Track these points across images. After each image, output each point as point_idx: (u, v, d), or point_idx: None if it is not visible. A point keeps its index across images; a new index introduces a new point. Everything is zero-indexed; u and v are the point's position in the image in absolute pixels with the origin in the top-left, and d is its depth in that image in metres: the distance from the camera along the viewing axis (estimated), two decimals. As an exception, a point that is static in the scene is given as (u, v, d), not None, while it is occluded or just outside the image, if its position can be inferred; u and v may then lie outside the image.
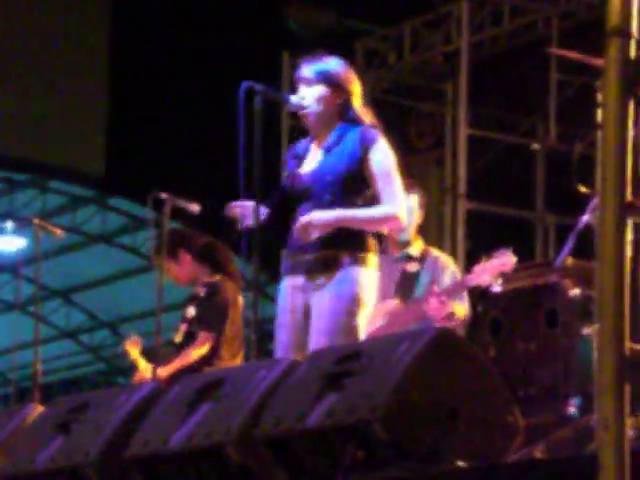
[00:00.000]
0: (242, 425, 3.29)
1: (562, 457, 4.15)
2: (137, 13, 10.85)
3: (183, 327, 5.43)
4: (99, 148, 11.84)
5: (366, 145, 4.09)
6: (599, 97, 3.96)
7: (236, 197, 4.19)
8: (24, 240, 8.12)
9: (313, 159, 4.20)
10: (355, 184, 4.09)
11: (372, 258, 4.08)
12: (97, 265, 14.32)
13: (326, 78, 4.15)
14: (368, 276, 4.05)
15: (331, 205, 4.06)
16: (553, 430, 4.57)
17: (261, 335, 4.15)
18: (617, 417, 2.25)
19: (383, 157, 4.10)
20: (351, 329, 4.01)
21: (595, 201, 4.29)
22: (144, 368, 5.53)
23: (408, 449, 3.06)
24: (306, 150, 4.26)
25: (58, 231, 6.23)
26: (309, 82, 4.17)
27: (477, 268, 4.95)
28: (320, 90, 4.14)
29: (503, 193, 9.09)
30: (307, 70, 4.19)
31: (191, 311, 5.44)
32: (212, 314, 5.46)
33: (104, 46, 11.53)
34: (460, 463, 3.13)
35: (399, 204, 4.07)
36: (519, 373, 5.27)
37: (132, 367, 5.63)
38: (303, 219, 4.03)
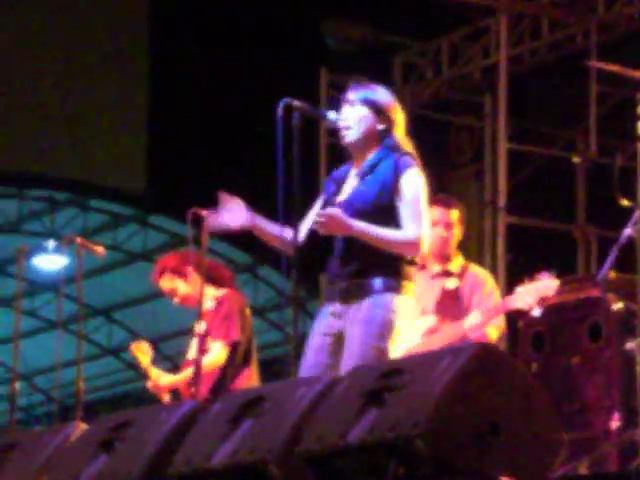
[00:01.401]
0: (284, 442, 3.29)
1: (606, 473, 4.11)
2: (177, 31, 10.93)
3: (195, 343, 5.44)
4: (139, 166, 11.93)
5: (398, 173, 4.09)
6: (639, 110, 3.93)
7: (275, 214, 4.21)
8: (66, 259, 8.17)
9: (349, 186, 4.21)
10: (386, 213, 4.08)
11: (407, 285, 4.07)
12: (138, 283, 14.37)
13: (371, 103, 4.18)
14: (402, 303, 4.05)
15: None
16: (597, 445, 4.53)
17: (301, 352, 4.16)
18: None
19: (413, 185, 4.09)
20: (381, 353, 4.00)
21: (637, 214, 4.26)
22: (155, 376, 5.55)
23: (450, 465, 3.05)
24: (345, 176, 4.26)
25: (99, 249, 6.27)
26: (353, 103, 4.19)
27: (519, 290, 4.90)
28: (363, 112, 4.16)
29: (544, 207, 9.05)
30: (353, 93, 4.21)
31: (202, 327, 5.46)
32: (222, 324, 5.50)
33: (145, 64, 11.63)
34: (504, 479, 3.11)
35: (421, 231, 4.05)
36: (562, 388, 5.24)
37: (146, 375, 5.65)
38: (328, 211, 4.04)
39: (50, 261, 10.07)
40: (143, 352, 5.64)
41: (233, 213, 4.28)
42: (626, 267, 4.73)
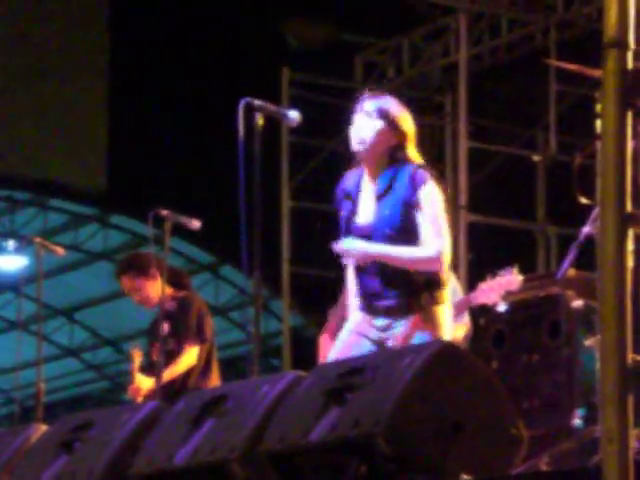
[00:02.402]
0: (246, 441, 3.29)
1: (566, 469, 4.14)
2: (136, 32, 10.88)
3: (158, 345, 5.42)
4: (100, 166, 11.87)
5: (416, 187, 4.10)
6: (598, 108, 3.96)
7: (236, 212, 4.20)
8: (26, 259, 8.13)
9: (367, 206, 4.18)
10: (413, 231, 4.10)
11: (445, 293, 4.11)
12: (99, 283, 14.32)
13: (386, 116, 4.16)
14: (445, 312, 4.10)
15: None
16: (557, 442, 4.56)
17: (264, 351, 4.15)
18: (621, 429, 2.25)
19: (431, 200, 4.12)
20: None
21: (596, 212, 4.30)
22: (139, 381, 5.54)
23: (411, 463, 3.06)
24: (357, 189, 4.24)
25: (59, 249, 6.24)
26: (369, 115, 4.18)
27: (482, 286, 4.93)
28: (379, 125, 4.15)
29: (504, 205, 9.10)
30: (369, 104, 4.20)
31: (165, 327, 5.45)
32: (190, 324, 5.50)
33: (104, 63, 11.57)
34: (464, 476, 3.13)
35: (444, 246, 4.07)
36: (522, 385, 5.27)
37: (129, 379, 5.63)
38: (345, 244, 4.06)
39: (10, 261, 9.98)
40: (137, 357, 5.63)
41: None
42: (585, 265, 4.77)
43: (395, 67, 9.76)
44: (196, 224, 5.42)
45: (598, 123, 3.94)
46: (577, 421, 4.84)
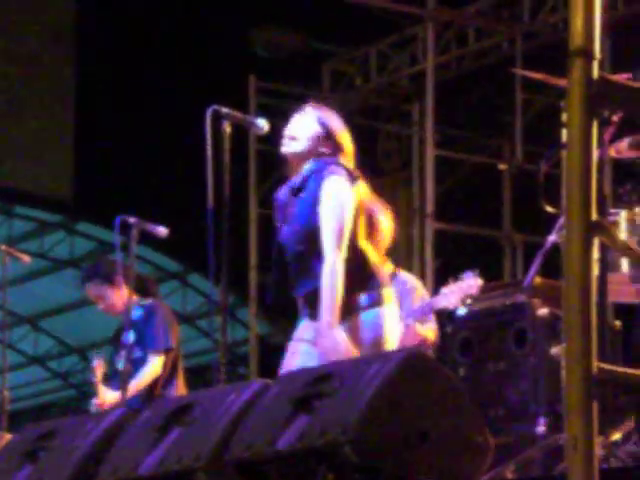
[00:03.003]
0: (212, 450, 3.27)
1: (532, 477, 4.15)
2: (103, 40, 10.85)
3: (123, 354, 5.38)
4: (66, 173, 11.80)
5: (320, 180, 4.02)
6: (563, 117, 3.99)
7: (204, 220, 4.19)
8: (-10, 266, 8.07)
9: (287, 206, 4.15)
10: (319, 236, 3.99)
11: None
12: (65, 290, 14.23)
13: (325, 125, 4.10)
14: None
15: (303, 256, 4.03)
16: (522, 450, 4.58)
17: (230, 359, 4.14)
18: (586, 436, 2.26)
19: (329, 198, 3.97)
20: None
21: (561, 220, 4.32)
22: (103, 395, 5.50)
23: (378, 472, 3.06)
24: (285, 197, 4.20)
25: (25, 257, 6.20)
26: (309, 119, 4.11)
27: (444, 290, 4.97)
28: (315, 129, 4.10)
29: (471, 213, 9.14)
30: (311, 111, 4.14)
31: (130, 336, 5.41)
32: (156, 333, 5.47)
33: (71, 71, 11.52)
34: (431, 484, 3.13)
35: (335, 259, 3.94)
36: (489, 393, 5.29)
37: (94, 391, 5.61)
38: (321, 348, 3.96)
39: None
40: (100, 369, 5.59)
41: None
42: (551, 273, 4.80)
43: (363, 76, 9.78)
44: (163, 232, 5.39)
45: (564, 132, 3.97)
46: (542, 429, 4.86)
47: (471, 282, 4.90)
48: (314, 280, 3.99)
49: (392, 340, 4.03)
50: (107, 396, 5.49)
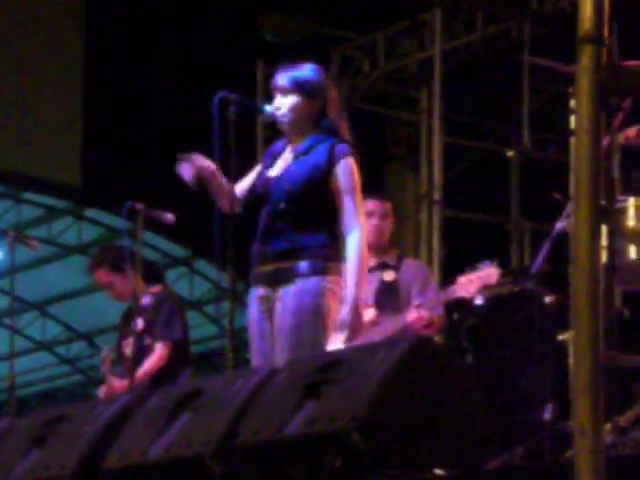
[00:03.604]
0: (221, 435, 3.28)
1: (539, 464, 4.16)
2: (113, 21, 10.83)
3: (131, 340, 5.40)
4: (75, 159, 11.80)
5: (334, 159, 4.06)
6: (572, 104, 3.98)
7: (211, 206, 4.19)
8: (-1, 252, 8.08)
9: (283, 163, 4.19)
10: (313, 196, 4.05)
11: (333, 266, 4.04)
12: (73, 277, 14.24)
13: (301, 87, 4.12)
14: (329, 284, 4.03)
15: (285, 213, 4.05)
16: (530, 436, 4.59)
17: (238, 345, 4.15)
18: (593, 423, 2.26)
19: (348, 174, 4.06)
20: (315, 343, 4.00)
21: (569, 207, 4.31)
22: (111, 384, 5.52)
23: (386, 457, 3.07)
24: (282, 150, 4.24)
25: (33, 243, 6.20)
26: (284, 91, 4.14)
27: (461, 279, 4.93)
28: (295, 99, 4.13)
29: (479, 200, 9.13)
30: (282, 78, 4.16)
31: (139, 323, 5.43)
32: (165, 323, 5.48)
33: (80, 57, 11.52)
34: (438, 471, 3.14)
35: (359, 225, 4.02)
36: (496, 379, 5.29)
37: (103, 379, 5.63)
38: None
39: (-17, 254, 9.91)
40: (109, 360, 5.61)
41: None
42: (558, 260, 4.79)
43: (371, 62, 9.76)
44: (170, 218, 5.40)
45: (572, 119, 3.96)
46: (550, 415, 4.86)
47: (490, 271, 4.87)
48: (286, 242, 4.01)
49: (333, 308, 4.01)
50: (115, 386, 5.50)
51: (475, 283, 4.87)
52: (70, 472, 3.59)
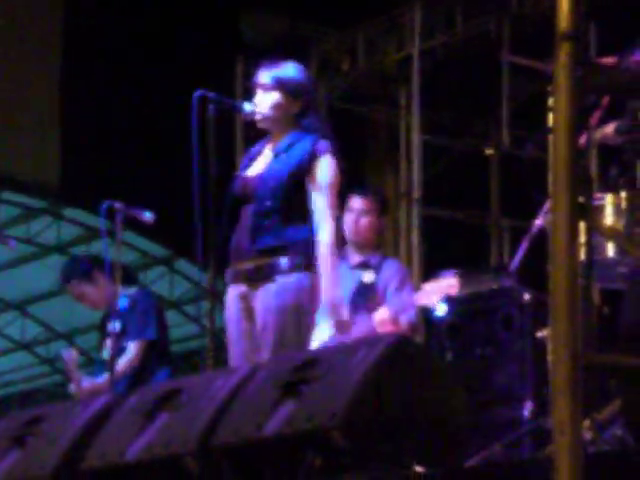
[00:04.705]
0: (200, 435, 3.27)
1: (518, 460, 4.17)
2: (90, 21, 10.80)
3: (109, 343, 5.39)
4: (54, 159, 11.75)
5: (315, 155, 4.07)
6: (550, 101, 3.99)
7: (191, 205, 4.18)
8: (-23, 252, 8.04)
9: (262, 161, 4.20)
10: (297, 192, 4.07)
11: (312, 262, 4.03)
12: (52, 276, 14.16)
13: (284, 85, 4.13)
14: (310, 280, 4.02)
15: (271, 211, 4.05)
16: (509, 433, 4.60)
17: (218, 344, 4.14)
18: (572, 420, 2.27)
19: (326, 171, 4.07)
20: (297, 341, 4.00)
21: (548, 204, 4.33)
22: (78, 381, 5.52)
23: (366, 456, 3.07)
24: (259, 152, 4.24)
25: (11, 242, 6.18)
26: (265, 88, 4.15)
27: (426, 287, 4.97)
28: (276, 97, 4.13)
29: (458, 198, 9.14)
30: (264, 76, 4.17)
31: (116, 325, 5.42)
32: (136, 322, 5.48)
33: (58, 56, 11.46)
34: (418, 469, 3.14)
35: (327, 223, 4.03)
36: (476, 377, 5.30)
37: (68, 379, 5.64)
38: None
39: (-39, 254, 9.86)
40: (73, 359, 5.61)
41: None
42: (537, 257, 4.81)
43: (350, 60, 9.75)
44: (150, 217, 5.38)
45: (550, 116, 3.97)
46: (529, 412, 4.88)
47: (451, 282, 4.89)
48: (272, 238, 4.01)
49: (313, 305, 4.02)
50: (83, 383, 5.50)
51: (436, 292, 4.90)
52: (49, 472, 3.58)
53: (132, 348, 5.46)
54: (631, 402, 2.92)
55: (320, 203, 4.03)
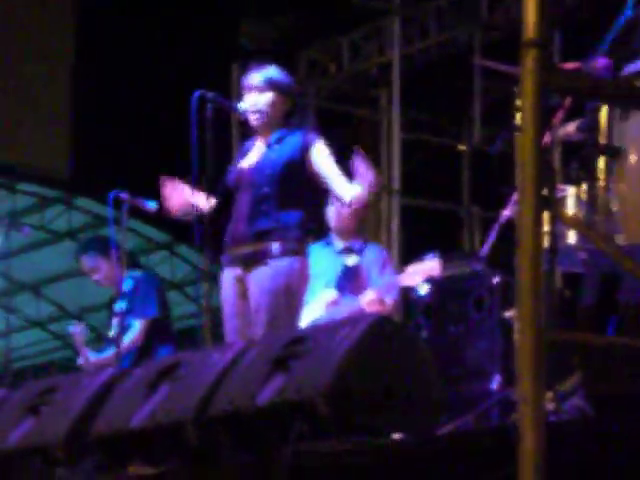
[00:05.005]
0: (198, 404, 3.27)
1: (488, 427, 4.18)
2: (99, 20, 10.74)
3: (115, 321, 5.39)
4: (64, 152, 11.70)
5: (306, 146, 4.10)
6: (518, 102, 3.99)
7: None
8: (-5, 238, 8.02)
9: (255, 154, 4.20)
10: (292, 180, 4.08)
11: (301, 247, 4.05)
12: (64, 260, 14.13)
13: (275, 85, 4.15)
14: (300, 264, 4.02)
15: (267, 196, 4.06)
16: (480, 403, 4.61)
17: (215, 322, 4.14)
18: (535, 392, 2.27)
19: (324, 155, 4.11)
20: (289, 318, 4.00)
21: (515, 196, 4.33)
22: (85, 355, 5.51)
23: (349, 424, 3.07)
24: (251, 146, 4.26)
25: (26, 229, 6.16)
26: (260, 89, 4.16)
27: (409, 269, 4.97)
28: (269, 96, 4.14)
29: (433, 189, 9.15)
30: (256, 78, 4.18)
31: (122, 305, 5.42)
32: (140, 302, 5.47)
33: (68, 51, 11.36)
34: (396, 436, 3.14)
35: (353, 186, 4.08)
36: (450, 353, 5.31)
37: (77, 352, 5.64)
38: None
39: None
40: (81, 334, 5.59)
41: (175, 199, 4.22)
42: (505, 244, 4.81)
43: (336, 64, 9.74)
44: (153, 206, 5.37)
45: (518, 116, 3.96)
46: (497, 385, 4.89)
47: (432, 264, 4.89)
48: (268, 221, 4.01)
49: (302, 286, 4.03)
50: (90, 357, 5.50)
51: (420, 274, 4.90)
52: (61, 438, 3.58)
53: (136, 326, 5.46)
54: (590, 376, 2.93)
55: (332, 173, 4.06)
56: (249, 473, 3.19)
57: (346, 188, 4.06)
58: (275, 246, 4.00)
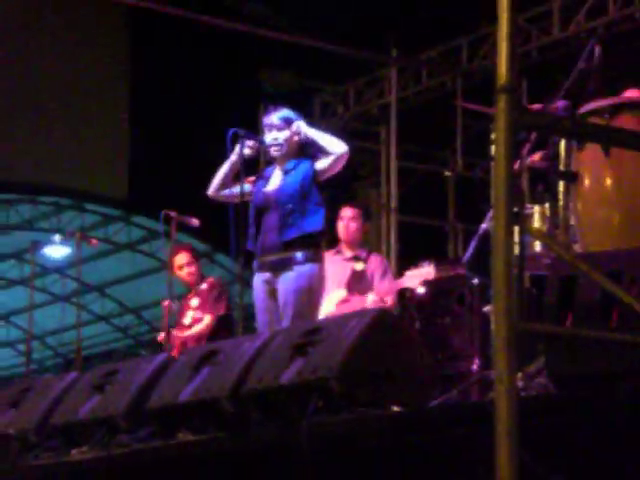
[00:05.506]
0: (233, 383, 3.28)
1: (470, 402, 4.17)
2: (154, 63, 10.76)
3: (189, 313, 5.52)
4: (123, 178, 11.76)
5: (314, 168, 4.18)
6: (492, 136, 3.99)
7: (226, 213, 4.20)
8: (68, 249, 8.06)
9: (276, 179, 4.25)
10: (307, 196, 4.14)
11: (320, 255, 4.11)
12: (124, 267, 14.23)
13: (291, 123, 4.19)
14: (319, 269, 4.08)
15: (292, 211, 4.12)
16: (463, 382, 4.60)
17: (246, 316, 4.16)
18: (509, 372, 2.27)
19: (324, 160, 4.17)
20: (310, 312, 4.05)
21: (491, 212, 4.32)
22: (167, 329, 5.58)
23: (356, 399, 3.07)
24: (271, 173, 4.31)
25: (94, 241, 6.21)
26: (280, 128, 4.21)
27: (408, 273, 4.98)
28: (289, 133, 4.18)
29: (425, 208, 9.16)
30: (276, 118, 4.24)
31: (195, 301, 5.51)
32: (212, 302, 5.53)
33: (126, 85, 11.30)
34: (395, 408, 3.14)
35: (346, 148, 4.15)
36: (438, 340, 5.31)
37: (154, 336, 5.72)
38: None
39: (57, 250, 9.87)
40: (169, 308, 5.59)
41: None
42: (483, 252, 4.80)
43: (343, 106, 9.78)
44: (196, 222, 5.42)
45: (493, 148, 3.97)
46: (477, 367, 4.88)
47: (427, 269, 4.90)
48: (297, 230, 4.06)
49: (321, 287, 4.08)
50: (174, 334, 5.59)
51: (418, 277, 4.91)
52: (122, 411, 3.59)
53: (207, 319, 5.55)
54: (552, 359, 2.93)
55: (319, 137, 4.13)
56: (274, 440, 3.19)
57: (334, 143, 4.10)
58: (299, 254, 4.04)
